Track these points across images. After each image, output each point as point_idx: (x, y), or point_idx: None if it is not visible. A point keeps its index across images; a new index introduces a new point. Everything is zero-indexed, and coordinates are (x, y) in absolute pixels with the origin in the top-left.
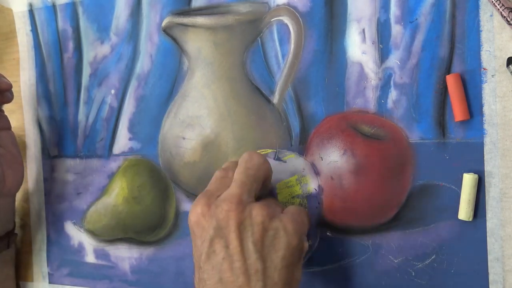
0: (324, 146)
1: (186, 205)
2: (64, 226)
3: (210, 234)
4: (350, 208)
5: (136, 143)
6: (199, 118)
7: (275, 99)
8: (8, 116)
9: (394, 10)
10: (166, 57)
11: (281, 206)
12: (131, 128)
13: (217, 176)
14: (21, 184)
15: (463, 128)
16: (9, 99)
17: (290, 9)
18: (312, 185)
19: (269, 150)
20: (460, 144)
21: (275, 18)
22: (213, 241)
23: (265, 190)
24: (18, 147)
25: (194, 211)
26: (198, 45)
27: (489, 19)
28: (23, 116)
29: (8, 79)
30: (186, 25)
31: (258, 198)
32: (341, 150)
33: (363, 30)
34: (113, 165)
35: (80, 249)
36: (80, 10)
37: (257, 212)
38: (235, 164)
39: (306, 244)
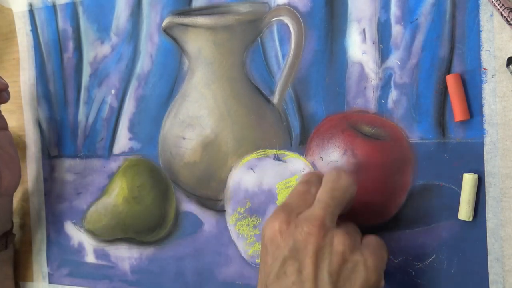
0: (324, 146)
1: (186, 205)
2: (64, 226)
3: (284, 254)
4: (350, 208)
5: (136, 143)
6: (199, 118)
7: (275, 99)
8: (8, 116)
9: (394, 10)
10: (166, 57)
11: (360, 234)
12: (131, 128)
13: (298, 190)
14: (18, 185)
15: (463, 128)
16: (5, 99)
17: (291, 9)
18: None
19: (269, 150)
20: (460, 144)
21: (275, 18)
22: (286, 262)
23: (344, 211)
24: (15, 147)
25: (271, 226)
26: (198, 45)
27: (489, 19)
28: (23, 116)
29: (7, 79)
30: (186, 25)
31: None
32: (342, 150)
33: (364, 30)
34: (113, 165)
35: (80, 249)
36: (80, 10)
37: (339, 240)
38: (319, 179)
39: (383, 282)
